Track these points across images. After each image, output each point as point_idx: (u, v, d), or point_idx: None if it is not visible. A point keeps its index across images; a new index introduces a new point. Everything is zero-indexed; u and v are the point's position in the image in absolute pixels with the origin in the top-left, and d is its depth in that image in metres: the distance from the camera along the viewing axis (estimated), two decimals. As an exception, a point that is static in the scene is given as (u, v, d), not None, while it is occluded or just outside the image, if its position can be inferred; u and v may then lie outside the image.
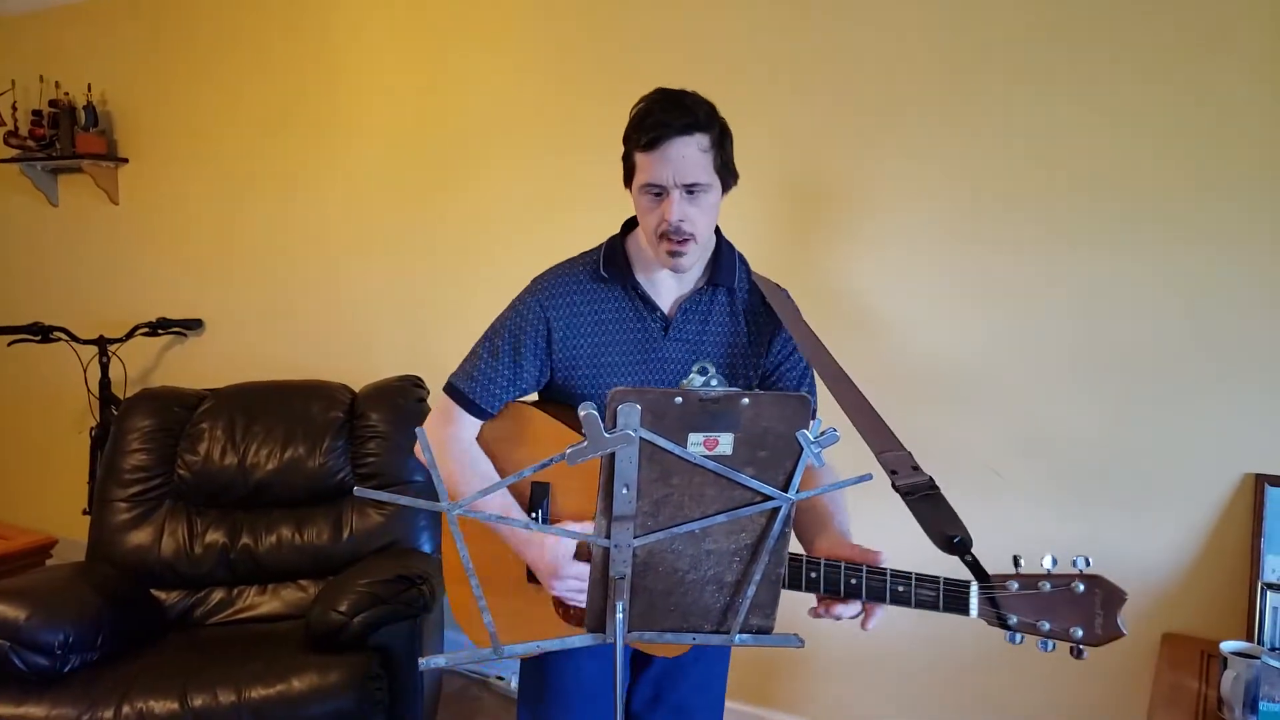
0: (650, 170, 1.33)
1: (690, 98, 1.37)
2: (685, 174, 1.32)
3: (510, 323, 1.46)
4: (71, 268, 3.83)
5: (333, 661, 2.05)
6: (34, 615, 2.04)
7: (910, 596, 1.13)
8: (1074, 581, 1.10)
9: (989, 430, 2.20)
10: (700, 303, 1.47)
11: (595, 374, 1.45)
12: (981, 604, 1.11)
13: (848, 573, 1.16)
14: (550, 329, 1.44)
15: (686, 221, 1.33)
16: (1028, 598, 1.10)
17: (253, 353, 3.41)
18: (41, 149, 3.58)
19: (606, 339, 1.45)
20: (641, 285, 1.45)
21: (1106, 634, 1.09)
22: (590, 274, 1.46)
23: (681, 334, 1.46)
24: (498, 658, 1.01)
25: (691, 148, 1.32)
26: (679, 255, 1.35)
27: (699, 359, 1.46)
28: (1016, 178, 2.13)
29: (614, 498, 0.92)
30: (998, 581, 1.12)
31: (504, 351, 1.45)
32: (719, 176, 1.37)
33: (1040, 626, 1.10)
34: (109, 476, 2.53)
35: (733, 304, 1.49)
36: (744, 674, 2.58)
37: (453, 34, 2.85)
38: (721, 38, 2.43)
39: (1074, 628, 1.09)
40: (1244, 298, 1.93)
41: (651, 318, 1.45)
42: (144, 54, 3.50)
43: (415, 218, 2.98)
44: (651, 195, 1.35)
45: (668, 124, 1.31)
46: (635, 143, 1.35)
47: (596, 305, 1.45)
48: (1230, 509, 1.97)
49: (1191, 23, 1.94)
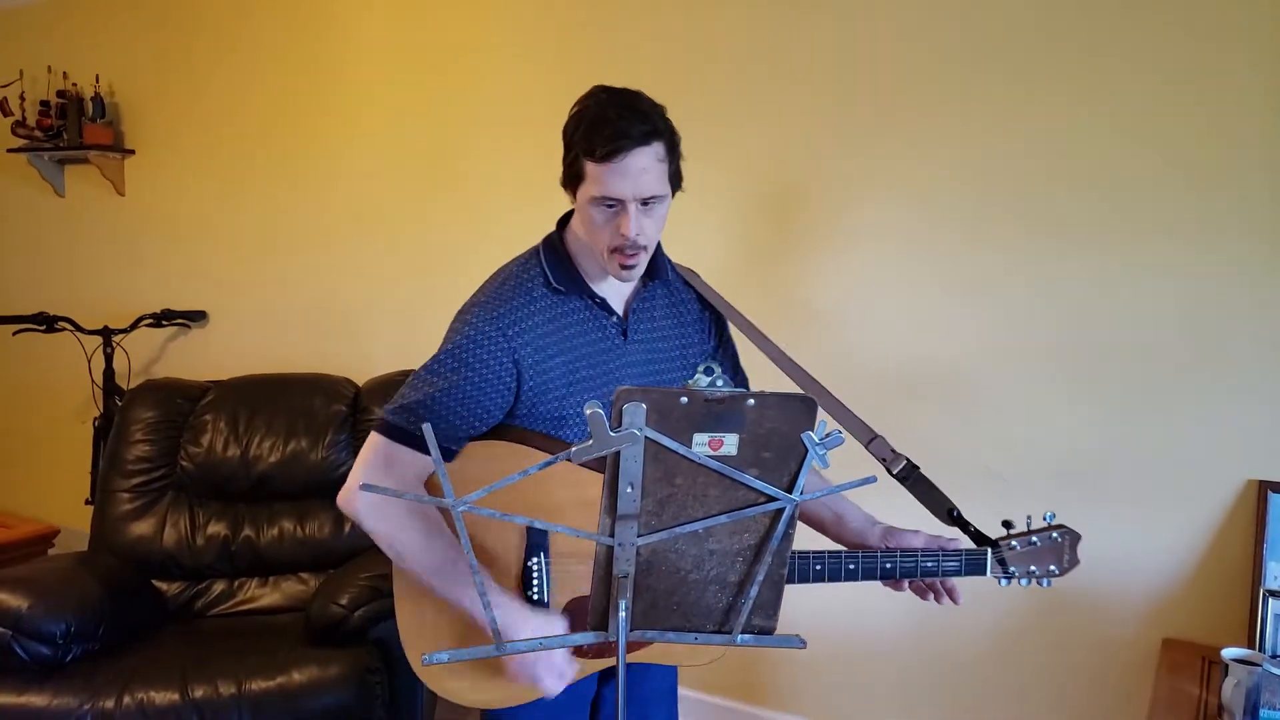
0: (606, 184, 1.24)
1: (645, 101, 1.28)
2: (644, 188, 1.25)
3: (468, 354, 1.31)
4: (77, 258, 3.84)
5: (333, 655, 2.06)
6: (36, 605, 2.04)
7: (938, 569, 1.35)
8: (1053, 533, 1.39)
9: (989, 434, 2.20)
10: (646, 301, 1.45)
11: (567, 394, 1.36)
12: (993, 564, 1.37)
13: (883, 558, 1.34)
14: (518, 359, 1.31)
15: (642, 234, 1.28)
16: (1026, 553, 1.38)
17: (256, 345, 3.41)
18: (49, 139, 3.59)
19: (575, 355, 1.36)
20: (598, 293, 1.38)
21: (1071, 566, 1.40)
22: (543, 286, 1.35)
23: (638, 336, 1.42)
24: (500, 653, 1.01)
25: (650, 158, 1.25)
26: (631, 267, 1.31)
27: (656, 358, 1.45)
28: (1017, 178, 2.12)
29: (618, 496, 0.92)
30: (1004, 544, 1.38)
31: (462, 388, 1.29)
32: (670, 184, 1.31)
33: (1031, 571, 1.39)
34: (112, 467, 2.54)
35: (670, 295, 1.49)
36: (739, 672, 2.59)
37: (454, 28, 2.85)
38: (721, 36, 2.43)
39: (1051, 566, 1.39)
40: (1246, 302, 1.93)
41: (610, 324, 1.40)
42: (152, 46, 3.50)
43: (419, 211, 2.98)
44: (605, 208, 1.27)
45: (626, 135, 1.22)
46: (588, 151, 1.24)
47: (559, 321, 1.35)
48: (1232, 515, 1.97)
49: (1190, 21, 1.93)
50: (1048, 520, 1.39)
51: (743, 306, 1.52)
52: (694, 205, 2.51)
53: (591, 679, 1.49)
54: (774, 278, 2.42)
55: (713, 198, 2.48)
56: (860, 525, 1.47)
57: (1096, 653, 2.13)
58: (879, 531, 1.45)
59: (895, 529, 1.44)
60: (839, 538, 1.50)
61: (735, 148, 2.44)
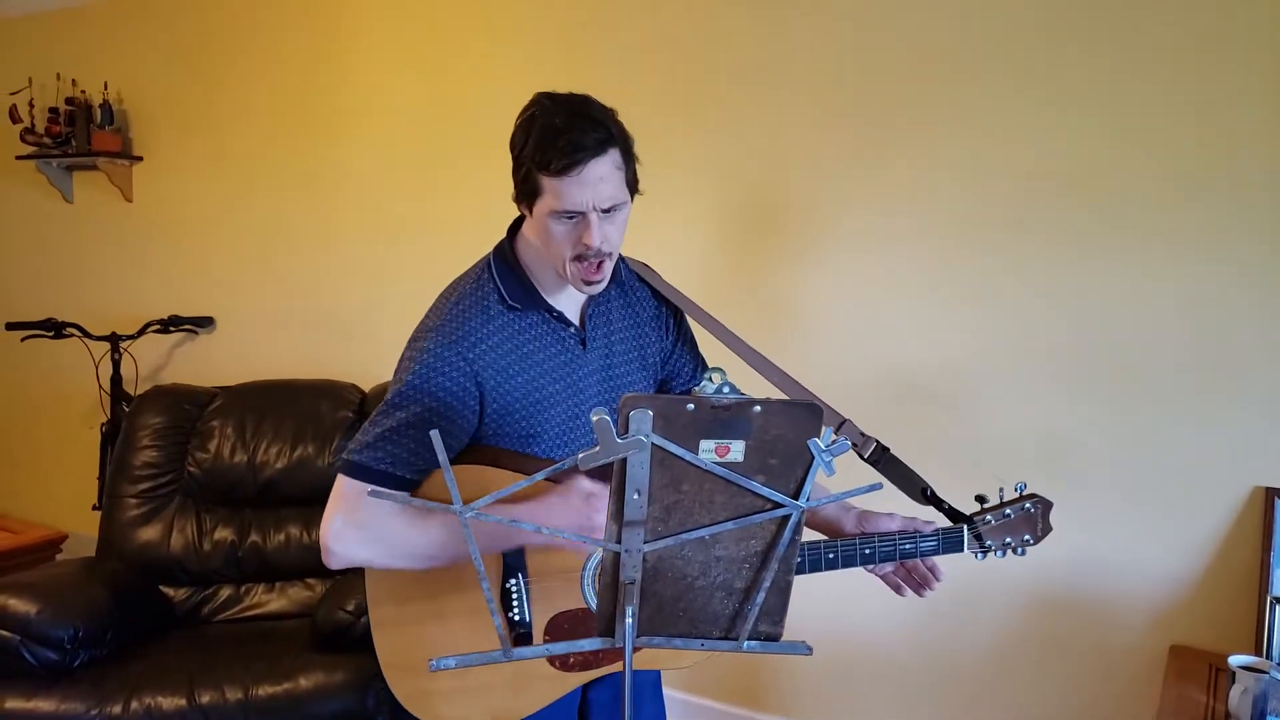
0: (565, 197, 1.21)
1: (595, 107, 1.25)
2: (604, 197, 1.22)
3: (426, 382, 1.27)
4: (85, 264, 3.85)
5: (339, 660, 2.06)
6: (44, 610, 2.05)
7: (916, 550, 1.36)
8: (1026, 503, 1.40)
9: (995, 440, 2.20)
10: (601, 306, 1.42)
11: (533, 411, 1.33)
12: (970, 540, 1.38)
13: (861, 545, 1.35)
14: (480, 381, 1.28)
15: (605, 242, 1.25)
16: (1000, 525, 1.39)
17: (263, 351, 3.42)
18: (57, 146, 3.60)
19: (537, 371, 1.33)
20: (555, 306, 1.35)
21: (1044, 533, 1.41)
22: (498, 303, 1.32)
23: (596, 343, 1.40)
24: (507, 659, 1.01)
25: (608, 166, 1.21)
26: (597, 280, 1.28)
27: (615, 363, 1.43)
28: (1017, 182, 2.12)
29: (625, 503, 0.92)
30: (979, 519, 1.39)
31: (424, 418, 1.26)
32: (629, 189, 1.28)
33: (1007, 543, 1.40)
34: (119, 472, 2.55)
35: (624, 296, 1.46)
36: (738, 676, 2.58)
37: (461, 31, 2.86)
38: (721, 38, 2.43)
39: (1026, 536, 1.41)
40: (1252, 307, 1.92)
41: (568, 335, 1.37)
42: (160, 53, 3.52)
43: (426, 216, 2.99)
44: (565, 220, 1.24)
45: (582, 146, 1.19)
46: (542, 165, 1.20)
47: (518, 339, 1.32)
48: (1239, 522, 1.97)
49: (1189, 24, 1.93)
50: (1019, 490, 1.41)
51: (736, 312, 1.52)
52: (696, 204, 2.51)
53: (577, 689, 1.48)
54: (771, 283, 2.43)
55: (706, 202, 2.48)
56: (833, 511, 1.45)
57: (1102, 659, 2.12)
58: (853, 517, 1.43)
59: (869, 513, 1.43)
60: (813, 525, 1.48)
61: (732, 151, 2.45)
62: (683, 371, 1.54)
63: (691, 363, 1.55)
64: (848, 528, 1.43)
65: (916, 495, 1.42)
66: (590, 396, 1.39)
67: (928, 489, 1.42)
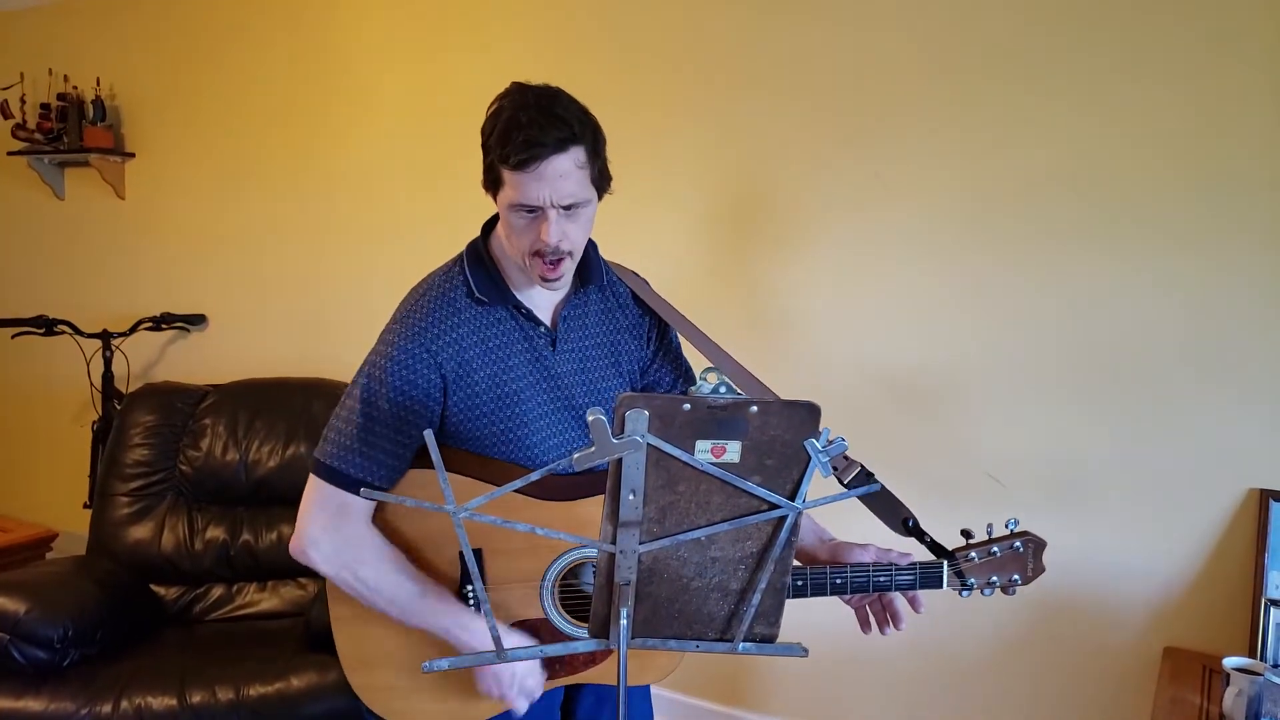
0: (522, 190, 1.20)
1: (562, 103, 1.22)
2: (563, 193, 1.20)
3: (392, 376, 1.27)
4: (77, 261, 3.83)
5: (332, 660, 2.04)
6: (34, 608, 2.04)
7: (891, 583, 1.29)
8: (1015, 542, 1.31)
9: (989, 441, 2.20)
10: (578, 308, 1.40)
11: (496, 410, 1.31)
12: (950, 577, 1.30)
13: (832, 574, 1.28)
14: (444, 374, 1.28)
15: (565, 240, 1.23)
16: (985, 563, 1.31)
17: (256, 349, 3.41)
18: (49, 142, 3.58)
19: (500, 368, 1.31)
20: (524, 303, 1.33)
21: (1035, 574, 1.33)
22: (465, 298, 1.31)
23: (568, 345, 1.38)
24: (500, 660, 1.00)
25: (568, 163, 1.19)
26: (554, 279, 1.26)
27: (588, 367, 1.40)
28: (1019, 183, 2.12)
29: (620, 503, 0.91)
30: (961, 556, 1.31)
31: (389, 413, 1.26)
32: (595, 187, 1.26)
33: (992, 581, 1.32)
34: (110, 470, 2.53)
35: (604, 300, 1.43)
36: (731, 677, 2.58)
37: (455, 27, 2.85)
38: (725, 36, 2.43)
39: (1014, 575, 1.32)
40: (1250, 310, 1.92)
41: (537, 334, 1.35)
42: (152, 49, 3.50)
43: (420, 215, 2.98)
44: (524, 213, 1.22)
45: (541, 143, 1.17)
46: (503, 159, 1.19)
47: (483, 333, 1.31)
48: (1234, 523, 1.97)
49: (1191, 23, 1.93)
50: (1010, 528, 1.32)
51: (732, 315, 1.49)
52: (691, 205, 2.51)
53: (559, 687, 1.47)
54: (766, 285, 2.42)
55: (701, 203, 2.48)
56: (808, 542, 1.40)
57: (1097, 661, 2.12)
58: (828, 547, 1.37)
59: (844, 543, 1.36)
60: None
61: (726, 151, 2.44)
62: (663, 382, 1.50)
63: (672, 374, 1.51)
64: (821, 557, 1.37)
65: (897, 526, 1.35)
66: (560, 398, 1.37)
67: (910, 519, 1.35)
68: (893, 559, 1.30)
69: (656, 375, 1.51)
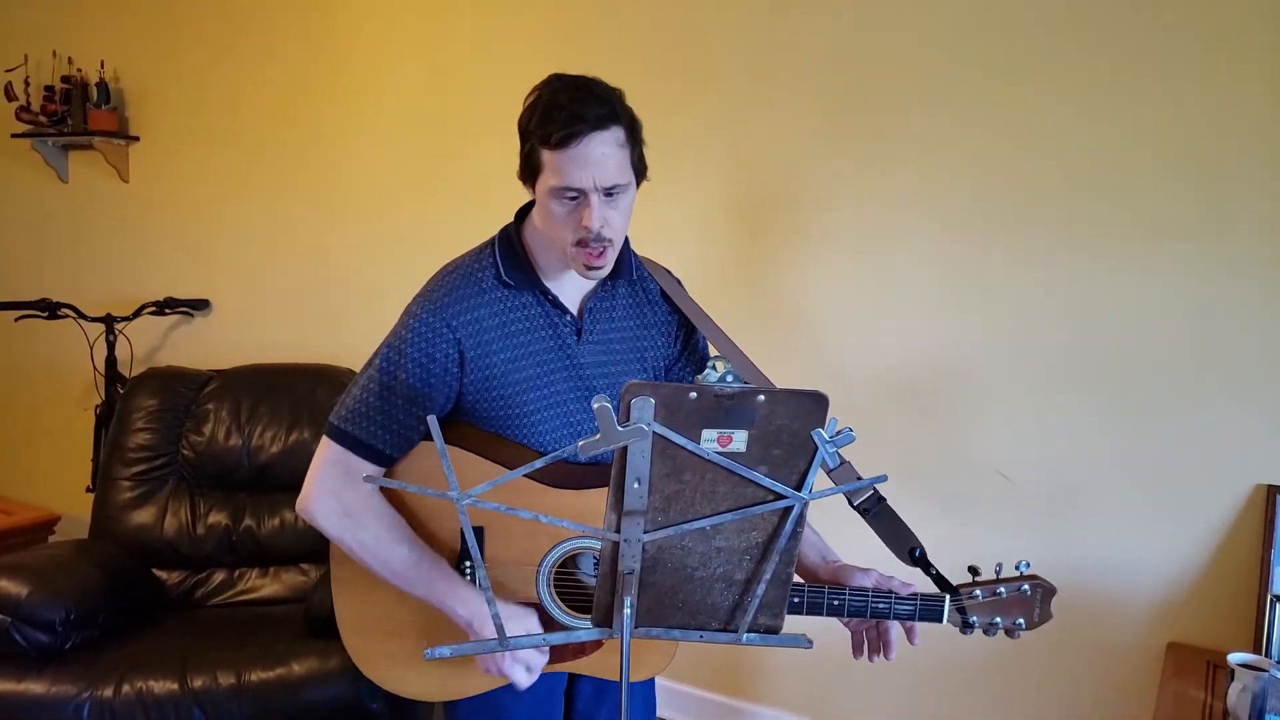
0: (565, 173, 1.19)
1: (600, 85, 1.23)
2: (606, 176, 1.20)
3: (411, 348, 1.28)
4: (80, 245, 3.82)
5: (333, 647, 2.05)
6: (35, 591, 2.03)
7: (890, 611, 1.27)
8: (1023, 584, 1.27)
9: (995, 437, 2.19)
10: (605, 300, 1.39)
11: (512, 391, 1.31)
12: (951, 613, 1.28)
13: (830, 595, 1.26)
14: (461, 349, 1.28)
15: (607, 226, 1.23)
16: (989, 603, 1.28)
17: (259, 334, 3.40)
18: (53, 125, 3.56)
19: (520, 352, 1.32)
20: (551, 290, 1.34)
21: (1042, 620, 1.29)
22: (493, 280, 1.32)
23: (593, 336, 1.37)
24: (503, 649, 1.00)
25: (610, 144, 1.19)
26: (599, 265, 1.26)
27: (613, 360, 1.40)
28: (1023, 181, 2.10)
29: (625, 492, 0.90)
30: (965, 592, 1.27)
31: (406, 384, 1.28)
32: (634, 172, 1.26)
33: (995, 622, 1.28)
34: (113, 455, 2.53)
35: (633, 295, 1.43)
36: (732, 667, 2.58)
37: (461, 16, 2.83)
38: (726, 34, 2.41)
39: (1019, 619, 1.28)
40: (1255, 305, 1.91)
41: (563, 322, 1.35)
42: (157, 32, 3.48)
43: (426, 201, 2.97)
44: (566, 200, 1.22)
45: (582, 117, 1.17)
46: (543, 139, 1.20)
47: (504, 316, 1.31)
48: (1240, 519, 1.96)
49: (1201, 23, 1.91)
50: (1020, 570, 1.28)
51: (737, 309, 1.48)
52: (694, 200, 2.49)
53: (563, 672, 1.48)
54: (771, 281, 2.41)
55: (704, 199, 2.46)
56: (811, 560, 1.38)
57: (1101, 656, 2.11)
58: (829, 569, 1.35)
59: (846, 566, 1.34)
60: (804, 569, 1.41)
61: (734, 149, 2.42)
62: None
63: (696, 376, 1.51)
64: (821, 576, 1.35)
65: (904, 555, 1.31)
66: (580, 387, 1.36)
67: (917, 549, 1.31)
68: (894, 587, 1.28)
69: (679, 375, 1.50)
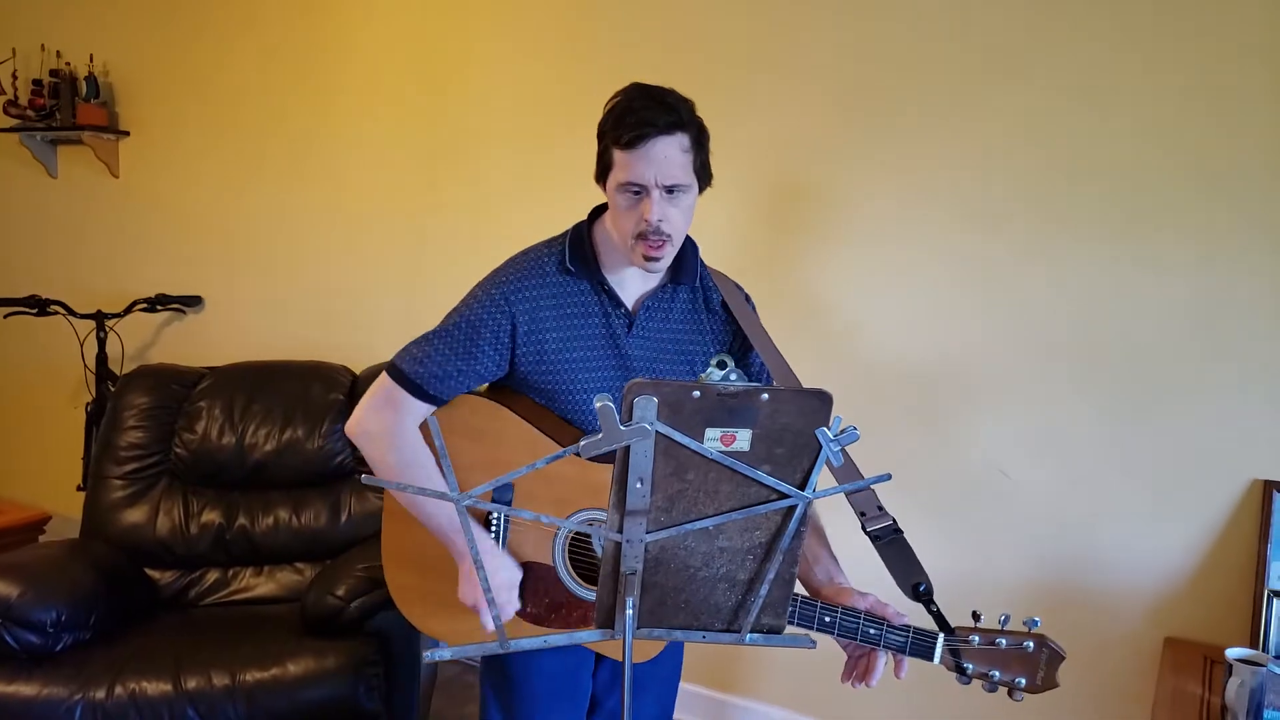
0: (631, 169, 1.30)
1: (672, 95, 1.34)
2: (667, 174, 1.30)
3: (471, 313, 1.41)
4: (70, 241, 3.79)
5: (329, 646, 2.04)
6: (26, 592, 2.01)
7: (880, 638, 1.25)
8: (1026, 641, 1.22)
9: (993, 432, 2.18)
10: (663, 300, 1.46)
11: (560, 369, 1.42)
12: (944, 654, 1.24)
13: (822, 611, 1.26)
14: (515, 323, 1.40)
15: (666, 222, 1.31)
16: (985, 651, 1.23)
17: (252, 332, 3.38)
18: (41, 119, 3.53)
19: (571, 334, 1.42)
20: (608, 281, 1.42)
21: (1045, 686, 1.23)
22: (556, 266, 1.42)
23: (644, 332, 1.44)
24: (503, 650, 0.99)
25: (674, 147, 1.30)
26: (655, 259, 1.34)
27: (661, 358, 1.46)
28: (1021, 175, 2.10)
29: (628, 491, 0.89)
30: (961, 635, 1.23)
31: (461, 341, 1.41)
32: (697, 177, 1.35)
33: (991, 674, 1.23)
34: (104, 453, 2.51)
35: (693, 302, 1.49)
36: (731, 663, 2.57)
37: (461, 17, 2.81)
38: (728, 33, 2.39)
39: (1019, 677, 1.22)
40: (1253, 301, 1.91)
41: (616, 314, 1.43)
42: (147, 26, 3.45)
43: (420, 200, 2.95)
44: (630, 194, 1.32)
45: (651, 122, 1.28)
46: (615, 139, 1.31)
47: (561, 300, 1.42)
48: (1237, 514, 1.96)
49: (1203, 18, 1.91)
50: (1028, 626, 1.23)
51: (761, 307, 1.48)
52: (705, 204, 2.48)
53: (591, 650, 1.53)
54: (784, 273, 2.40)
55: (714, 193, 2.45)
56: (818, 578, 1.37)
57: (1098, 651, 2.12)
58: (832, 588, 1.34)
59: (847, 588, 1.33)
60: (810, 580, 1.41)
61: (733, 144, 2.41)
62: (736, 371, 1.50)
63: None
64: (823, 594, 1.34)
65: (906, 588, 1.30)
66: (624, 378, 1.43)
67: (921, 584, 1.29)
68: (888, 615, 1.26)
69: None
